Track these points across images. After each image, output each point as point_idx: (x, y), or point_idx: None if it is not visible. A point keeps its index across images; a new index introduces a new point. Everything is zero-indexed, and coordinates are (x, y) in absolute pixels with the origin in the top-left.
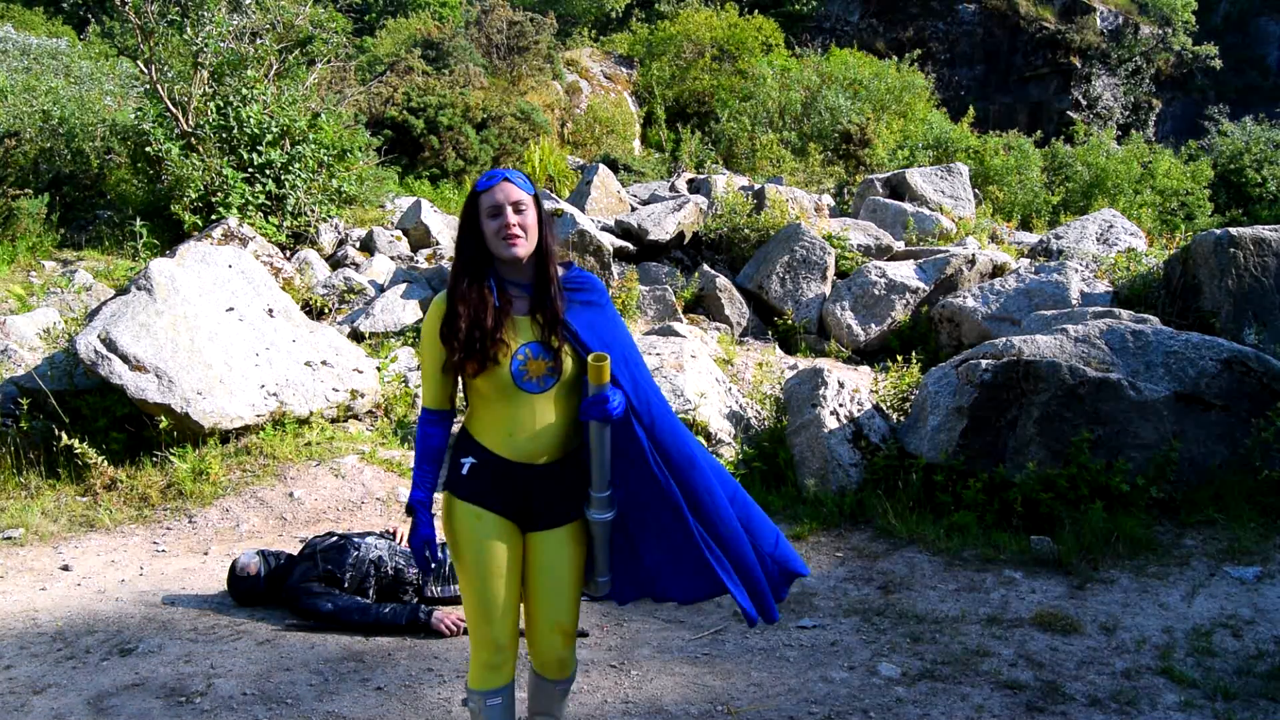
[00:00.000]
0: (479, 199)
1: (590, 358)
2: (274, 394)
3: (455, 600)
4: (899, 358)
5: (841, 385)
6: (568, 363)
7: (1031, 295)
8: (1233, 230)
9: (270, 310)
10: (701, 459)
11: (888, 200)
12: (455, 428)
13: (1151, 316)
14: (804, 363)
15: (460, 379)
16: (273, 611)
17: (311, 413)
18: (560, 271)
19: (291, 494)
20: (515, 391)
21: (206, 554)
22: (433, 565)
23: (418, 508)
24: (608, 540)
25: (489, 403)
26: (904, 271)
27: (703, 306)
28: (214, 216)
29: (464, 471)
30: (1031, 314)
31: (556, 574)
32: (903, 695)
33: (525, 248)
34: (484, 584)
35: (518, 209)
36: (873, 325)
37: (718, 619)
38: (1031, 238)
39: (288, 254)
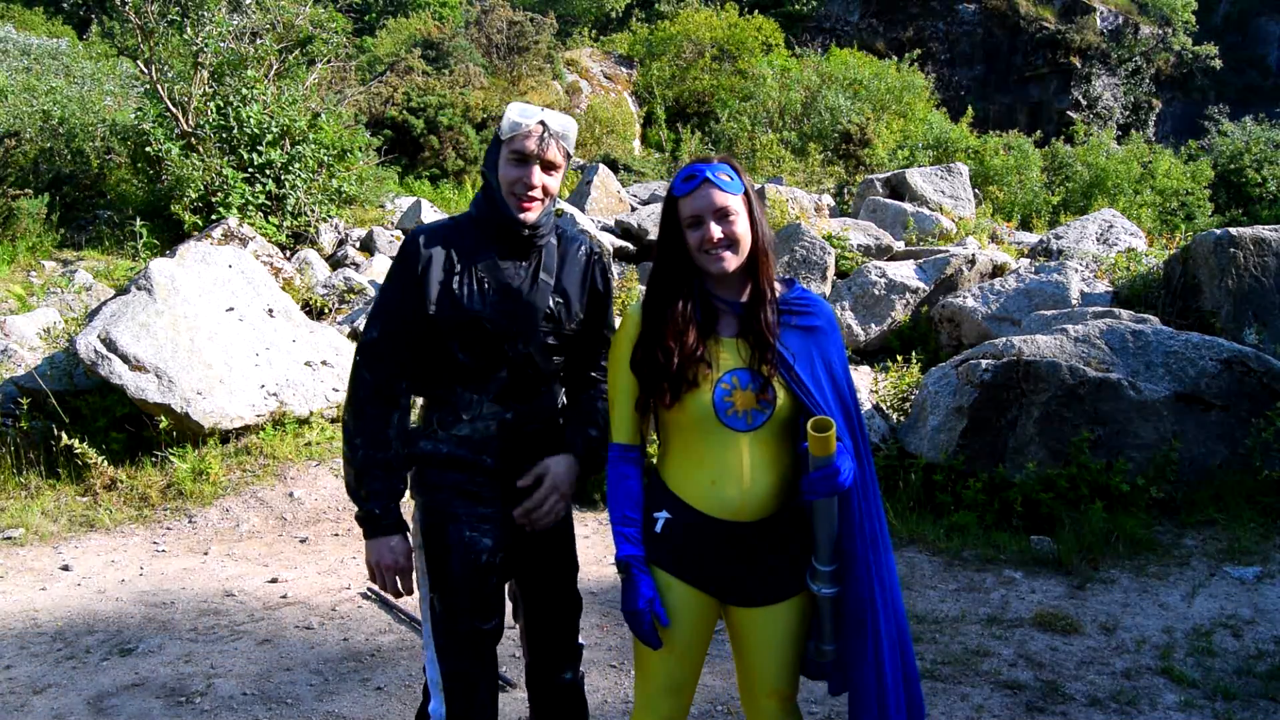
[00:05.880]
0: (677, 205)
1: (810, 425)
2: (274, 394)
3: None
4: (899, 358)
5: None
6: (781, 396)
7: (1031, 295)
8: (1233, 230)
9: (270, 310)
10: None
11: (888, 200)
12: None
13: (1151, 316)
14: None
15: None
16: None
17: (311, 413)
18: (780, 290)
19: (291, 494)
20: (718, 427)
21: (206, 554)
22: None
23: (632, 564)
24: (834, 613)
25: (686, 442)
26: (904, 271)
27: None
28: (214, 216)
29: (658, 529)
30: (1031, 314)
31: (779, 649)
32: None
33: (735, 261)
34: (660, 661)
35: (723, 217)
36: (873, 325)
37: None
38: (1031, 238)
39: (288, 254)
